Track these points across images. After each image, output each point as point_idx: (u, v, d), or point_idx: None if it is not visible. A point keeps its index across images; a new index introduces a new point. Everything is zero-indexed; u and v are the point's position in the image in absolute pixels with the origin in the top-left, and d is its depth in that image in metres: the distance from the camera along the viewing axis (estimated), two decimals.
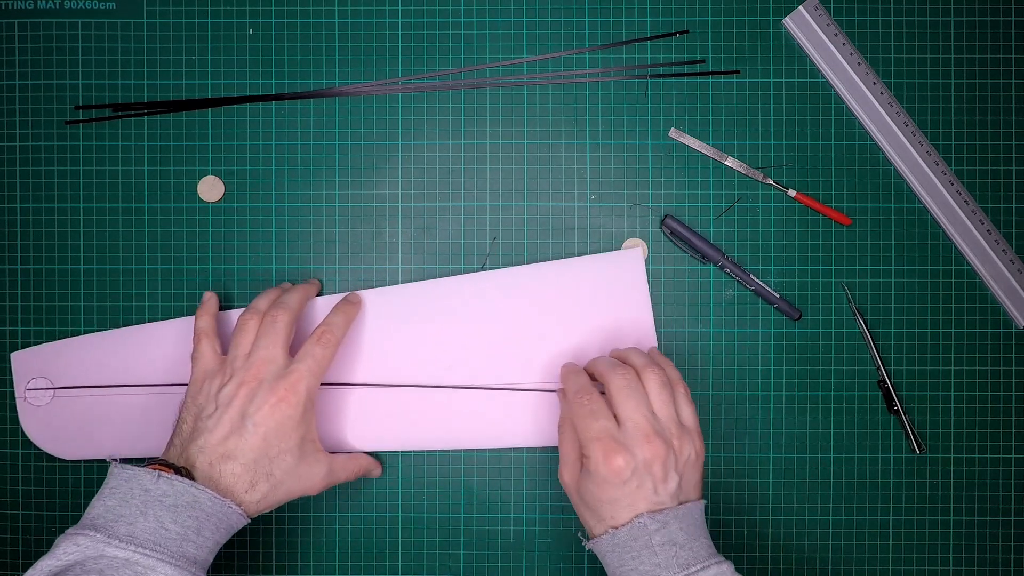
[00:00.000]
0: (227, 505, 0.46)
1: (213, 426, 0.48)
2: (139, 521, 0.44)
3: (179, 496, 0.45)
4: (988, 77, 0.59)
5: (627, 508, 0.47)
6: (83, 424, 0.58)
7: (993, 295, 0.59)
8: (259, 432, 0.48)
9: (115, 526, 0.43)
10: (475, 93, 0.59)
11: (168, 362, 0.58)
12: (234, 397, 0.49)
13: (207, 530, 0.45)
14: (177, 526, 0.44)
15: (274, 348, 0.50)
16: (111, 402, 0.58)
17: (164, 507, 0.44)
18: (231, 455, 0.47)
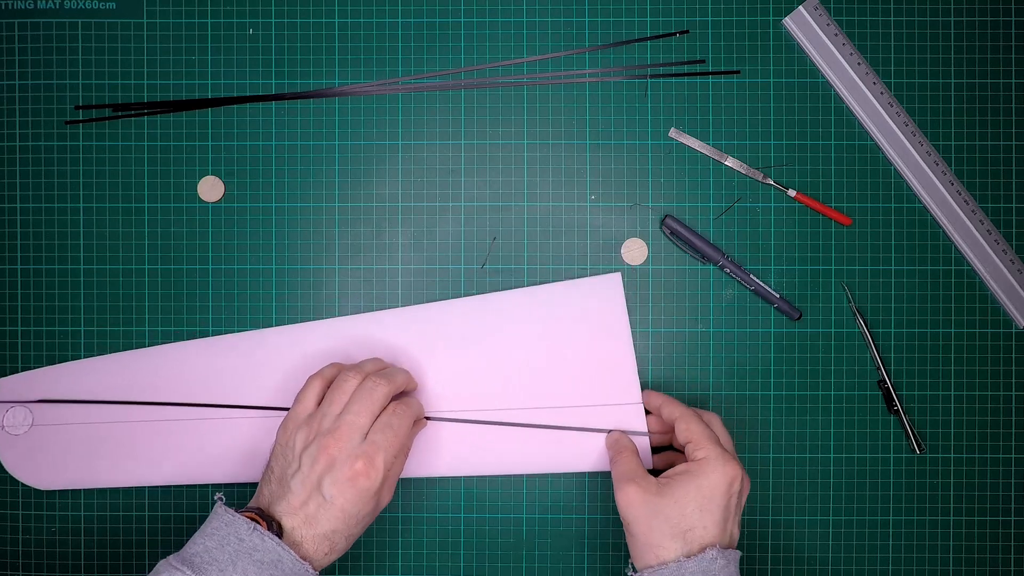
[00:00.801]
0: (306, 569, 0.47)
1: (296, 488, 0.48)
2: (228, 570, 0.45)
3: (267, 553, 0.46)
4: (988, 77, 0.59)
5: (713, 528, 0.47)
6: (64, 453, 0.58)
7: (993, 295, 0.59)
8: (336, 504, 0.48)
9: (208, 569, 0.45)
10: (475, 93, 0.59)
11: (152, 390, 0.58)
12: (315, 463, 0.48)
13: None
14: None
15: (364, 416, 0.50)
16: (93, 430, 0.57)
17: (252, 561, 0.45)
18: (312, 521, 0.48)
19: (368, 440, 0.49)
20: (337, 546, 0.49)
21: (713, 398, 0.59)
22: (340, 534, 0.48)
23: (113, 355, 0.58)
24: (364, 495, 0.48)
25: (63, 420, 0.58)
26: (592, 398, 0.57)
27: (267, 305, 0.59)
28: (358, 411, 0.50)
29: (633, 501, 0.49)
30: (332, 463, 0.48)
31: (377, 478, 0.48)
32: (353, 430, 0.49)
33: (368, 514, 0.49)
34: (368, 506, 0.49)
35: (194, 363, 0.58)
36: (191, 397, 0.58)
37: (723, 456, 0.49)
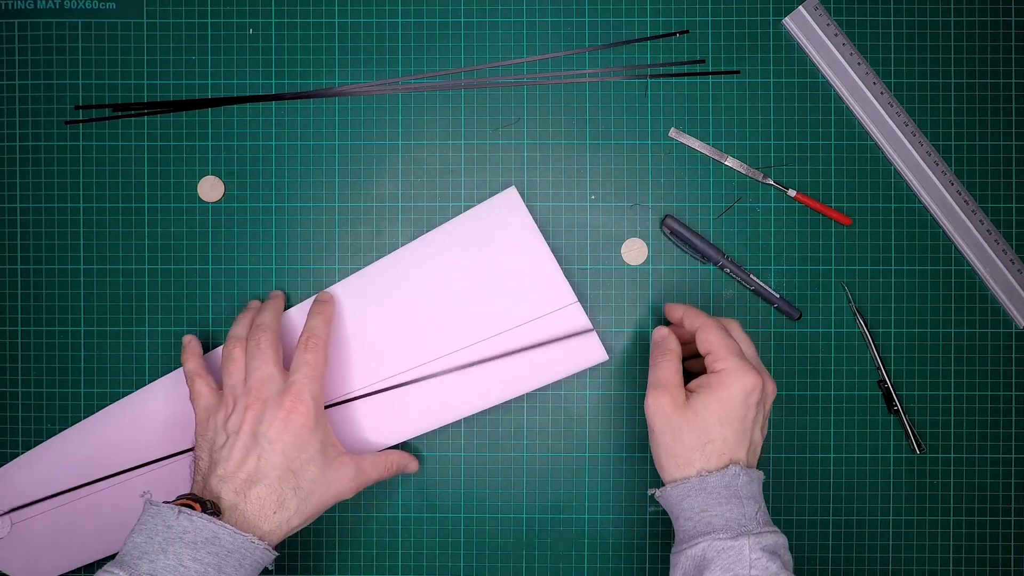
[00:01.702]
0: (248, 540, 0.45)
1: (228, 454, 0.48)
2: (160, 559, 0.43)
3: (199, 532, 0.44)
4: (988, 77, 0.59)
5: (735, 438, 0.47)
6: (52, 541, 0.58)
7: (993, 295, 0.59)
8: (276, 448, 0.47)
9: (139, 563, 0.43)
10: (475, 93, 0.59)
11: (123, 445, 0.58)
12: (243, 422, 0.48)
13: (228, 567, 0.44)
14: (197, 563, 0.43)
15: (267, 367, 0.50)
16: (73, 510, 0.57)
17: (184, 544, 0.44)
18: (254, 478, 0.47)
19: (290, 381, 0.50)
20: (286, 499, 0.47)
21: None
22: (286, 483, 0.47)
23: (77, 425, 0.58)
24: (302, 432, 0.48)
25: (42, 510, 0.58)
26: (530, 313, 0.57)
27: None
28: (259, 365, 0.50)
29: (663, 410, 0.49)
30: (260, 415, 0.48)
31: (309, 412, 0.48)
32: (265, 381, 0.49)
33: (311, 458, 0.48)
34: (309, 447, 0.48)
35: (158, 405, 0.58)
36: (163, 439, 0.58)
37: (742, 367, 0.48)
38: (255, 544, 0.45)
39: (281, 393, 0.49)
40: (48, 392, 0.59)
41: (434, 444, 0.59)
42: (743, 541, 0.45)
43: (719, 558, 0.45)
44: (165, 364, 0.59)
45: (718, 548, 0.45)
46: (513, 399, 0.59)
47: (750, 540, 0.45)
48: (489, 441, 0.59)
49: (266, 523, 0.47)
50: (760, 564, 0.44)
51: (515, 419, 0.59)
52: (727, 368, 0.48)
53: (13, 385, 0.59)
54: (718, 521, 0.46)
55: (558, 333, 0.57)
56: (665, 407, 0.49)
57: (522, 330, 0.57)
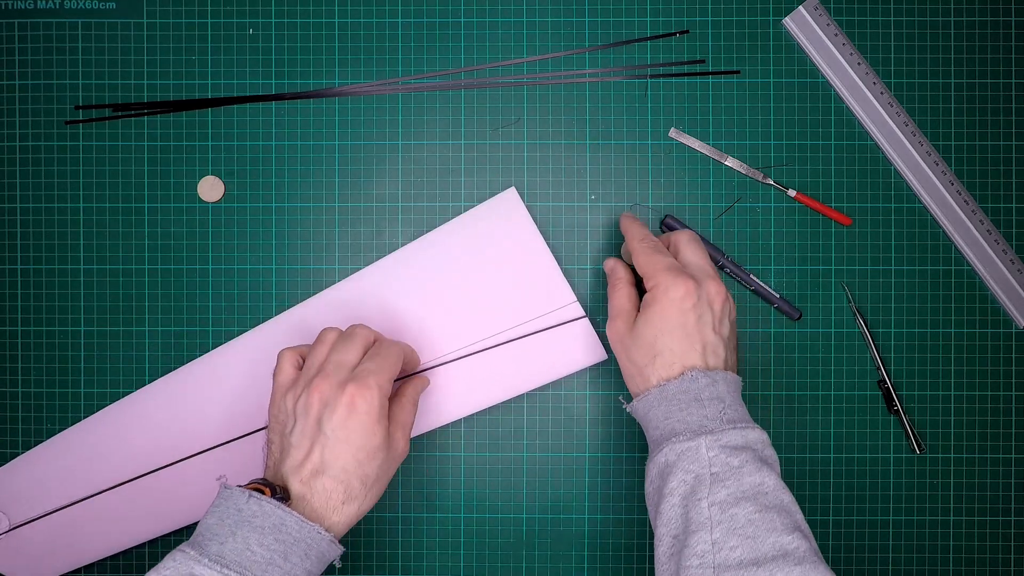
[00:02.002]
0: (315, 530, 0.44)
1: (297, 442, 0.47)
2: (228, 541, 0.43)
3: (266, 518, 0.43)
4: (988, 77, 0.59)
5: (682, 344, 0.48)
6: (49, 542, 0.57)
7: (993, 295, 0.59)
8: (339, 438, 0.46)
9: (208, 544, 0.43)
10: (475, 93, 0.59)
11: (119, 447, 0.58)
12: (309, 406, 0.47)
13: (295, 556, 0.44)
14: (263, 549, 0.43)
15: (350, 354, 0.49)
16: (71, 511, 0.57)
17: (252, 528, 0.43)
18: (320, 470, 0.46)
19: (356, 369, 0.48)
20: (353, 490, 0.46)
21: None
22: (352, 474, 0.46)
23: (77, 425, 0.58)
24: (365, 422, 0.46)
25: (39, 510, 0.57)
26: (530, 313, 0.57)
27: (267, 305, 0.59)
28: (342, 350, 0.49)
29: (618, 334, 0.51)
30: (325, 400, 0.46)
31: (373, 400, 0.46)
32: (339, 366, 0.48)
33: (377, 447, 0.47)
34: (374, 437, 0.46)
35: (158, 405, 0.58)
36: (159, 442, 0.58)
37: (669, 277, 0.49)
38: (321, 535, 0.44)
39: (348, 381, 0.47)
40: (48, 392, 0.59)
41: (434, 444, 0.59)
42: (700, 440, 0.45)
43: (679, 461, 0.45)
44: (165, 364, 0.59)
45: (678, 451, 0.46)
46: (513, 399, 0.59)
47: (707, 439, 0.45)
48: (489, 441, 0.59)
49: (334, 514, 0.46)
50: (719, 460, 0.45)
51: (515, 419, 0.59)
52: (656, 283, 0.49)
53: (13, 385, 0.59)
54: (679, 426, 0.46)
55: (558, 333, 0.57)
56: (620, 331, 0.50)
57: (522, 330, 0.57)
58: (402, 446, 0.49)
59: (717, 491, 0.44)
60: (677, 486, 0.45)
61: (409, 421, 0.51)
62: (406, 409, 0.51)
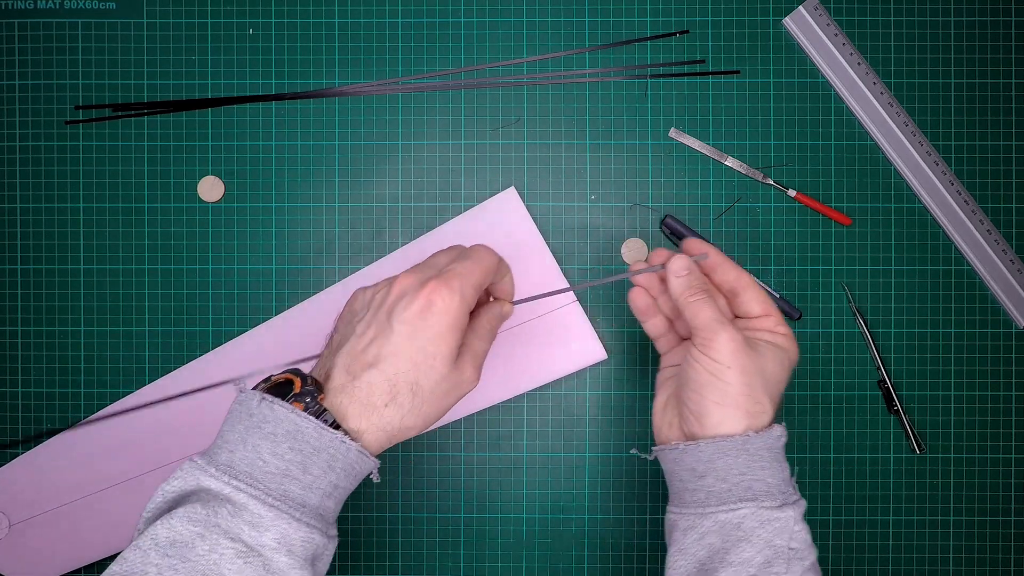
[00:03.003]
0: (336, 438, 0.38)
1: (361, 331, 0.42)
2: (239, 449, 0.38)
3: (279, 423, 0.38)
4: (988, 77, 0.59)
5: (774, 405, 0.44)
6: (50, 541, 0.57)
7: (993, 295, 0.59)
8: (403, 332, 0.40)
9: (218, 453, 0.39)
10: (475, 93, 0.59)
11: (124, 452, 0.58)
12: (386, 297, 0.42)
13: (316, 468, 0.38)
14: (276, 459, 0.38)
15: (443, 256, 0.44)
16: (71, 510, 0.57)
17: (264, 435, 0.38)
18: (373, 362, 0.40)
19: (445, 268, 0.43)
20: (400, 394, 0.40)
21: None
22: (403, 375, 0.40)
23: (72, 428, 0.58)
24: (436, 323, 0.40)
25: (40, 510, 0.58)
26: (530, 312, 0.57)
27: (267, 305, 0.59)
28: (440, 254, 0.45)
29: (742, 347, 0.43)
30: (403, 291, 0.41)
31: (451, 302, 0.41)
32: (430, 266, 0.43)
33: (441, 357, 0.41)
34: (442, 344, 0.41)
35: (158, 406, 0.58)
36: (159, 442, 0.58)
37: (791, 336, 0.46)
38: (346, 444, 0.39)
39: (430, 277, 0.42)
40: (48, 392, 0.59)
41: (434, 444, 0.59)
42: (789, 512, 0.42)
43: (762, 529, 0.41)
44: (165, 364, 0.59)
45: (762, 518, 0.41)
46: (513, 399, 0.59)
47: (795, 511, 0.42)
48: (489, 441, 0.59)
49: (374, 415, 0.40)
50: (800, 536, 0.42)
51: (515, 419, 0.59)
52: (789, 335, 0.46)
53: (13, 385, 0.59)
54: (760, 486, 0.42)
55: (558, 332, 0.57)
56: (744, 345, 0.43)
57: (522, 329, 0.57)
58: (469, 372, 0.43)
59: (795, 569, 0.41)
60: (753, 556, 0.41)
61: (482, 350, 0.44)
62: (481, 335, 0.45)
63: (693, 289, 0.45)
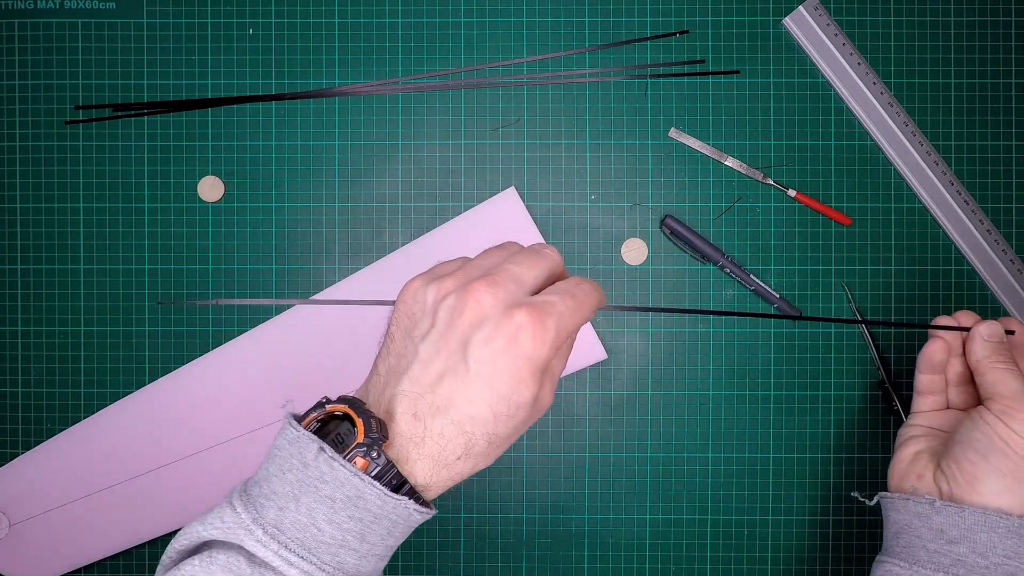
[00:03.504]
0: (401, 505, 0.33)
1: (427, 355, 0.34)
2: (290, 509, 0.33)
3: (339, 486, 0.33)
4: (988, 77, 0.59)
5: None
6: (51, 541, 0.57)
7: (993, 295, 0.59)
8: (483, 373, 0.34)
9: (266, 505, 0.33)
10: (475, 93, 0.59)
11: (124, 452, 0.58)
12: (458, 313, 0.34)
13: (375, 535, 0.34)
14: (333, 528, 0.33)
15: (529, 268, 0.36)
16: (72, 510, 0.57)
17: (320, 498, 0.33)
18: (444, 406, 0.34)
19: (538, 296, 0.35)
20: (476, 447, 0.34)
21: (713, 398, 0.59)
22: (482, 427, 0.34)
23: (77, 425, 0.58)
24: (522, 368, 0.34)
25: (40, 509, 0.57)
26: None
27: (267, 305, 0.59)
28: (523, 262, 0.36)
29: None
30: (483, 316, 0.34)
31: (544, 344, 0.34)
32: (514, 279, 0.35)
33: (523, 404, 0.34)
34: (526, 390, 0.34)
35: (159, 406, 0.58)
36: (159, 442, 0.58)
37: None
38: (409, 512, 0.34)
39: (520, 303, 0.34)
40: (48, 392, 0.59)
41: None
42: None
43: None
44: (165, 364, 0.59)
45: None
46: None
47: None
48: None
49: (445, 470, 0.35)
50: None
51: None
52: None
53: (13, 385, 0.59)
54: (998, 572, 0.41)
55: None
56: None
57: None
58: (546, 399, 0.37)
59: None
60: None
61: (559, 371, 0.38)
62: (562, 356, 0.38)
63: (1002, 357, 0.45)
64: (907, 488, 0.45)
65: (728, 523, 0.59)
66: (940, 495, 0.44)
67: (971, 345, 0.46)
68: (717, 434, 0.59)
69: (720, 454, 0.59)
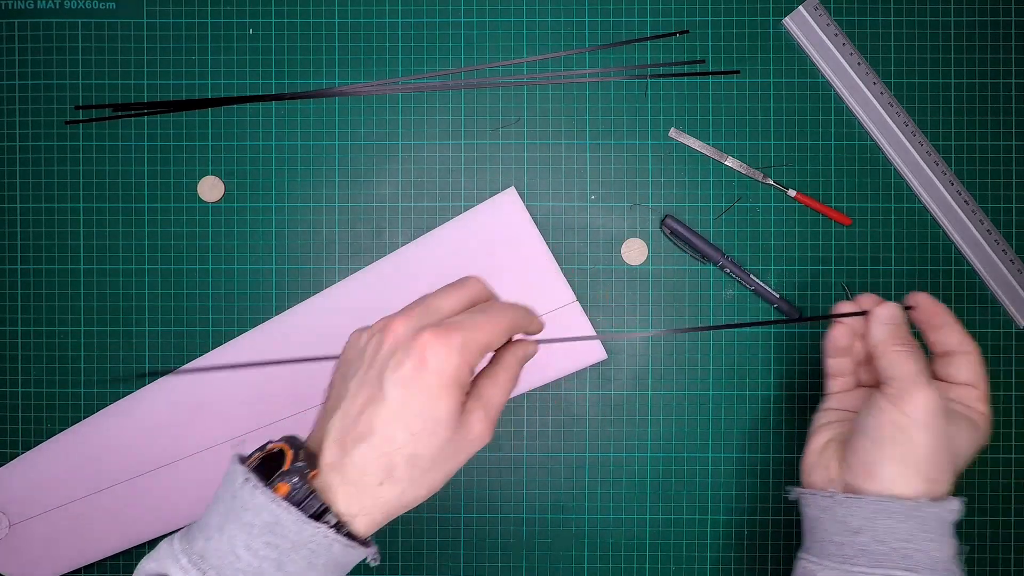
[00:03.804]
0: (320, 532, 0.34)
1: (354, 391, 0.36)
2: (215, 536, 0.34)
3: (259, 513, 0.34)
4: (988, 77, 0.59)
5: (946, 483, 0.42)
6: (51, 541, 0.57)
7: (993, 295, 0.59)
8: (397, 395, 0.35)
9: (197, 536, 0.35)
10: (475, 93, 0.59)
11: (124, 452, 0.58)
12: (378, 349, 0.37)
13: (293, 566, 0.34)
14: (250, 555, 0.34)
15: (445, 298, 0.39)
16: (73, 509, 0.57)
17: (241, 525, 0.34)
18: (365, 433, 0.35)
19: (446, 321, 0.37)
20: (396, 469, 0.36)
21: (713, 398, 0.59)
22: (399, 448, 0.35)
23: (77, 425, 0.58)
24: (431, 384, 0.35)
25: (41, 509, 0.57)
26: None
27: (267, 305, 0.59)
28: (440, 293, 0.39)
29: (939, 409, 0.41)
30: (397, 343, 0.36)
31: (448, 359, 0.35)
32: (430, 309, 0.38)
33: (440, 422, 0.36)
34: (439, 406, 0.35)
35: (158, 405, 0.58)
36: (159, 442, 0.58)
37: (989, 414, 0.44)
38: (329, 539, 0.34)
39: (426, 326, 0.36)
40: (48, 392, 0.59)
41: None
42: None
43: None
44: (165, 364, 0.59)
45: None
46: (513, 398, 0.59)
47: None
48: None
49: (367, 497, 0.36)
50: None
51: (515, 419, 0.59)
52: (987, 416, 0.44)
53: (13, 385, 0.59)
54: (922, 558, 0.40)
55: (558, 332, 0.57)
56: (943, 408, 0.41)
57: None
58: (478, 429, 0.37)
59: None
60: None
61: (497, 399, 0.39)
62: (497, 381, 0.39)
63: (898, 339, 0.43)
64: (816, 481, 0.45)
65: (728, 523, 0.59)
66: (843, 488, 0.43)
67: (870, 328, 0.44)
68: (717, 434, 0.59)
69: (720, 454, 0.59)
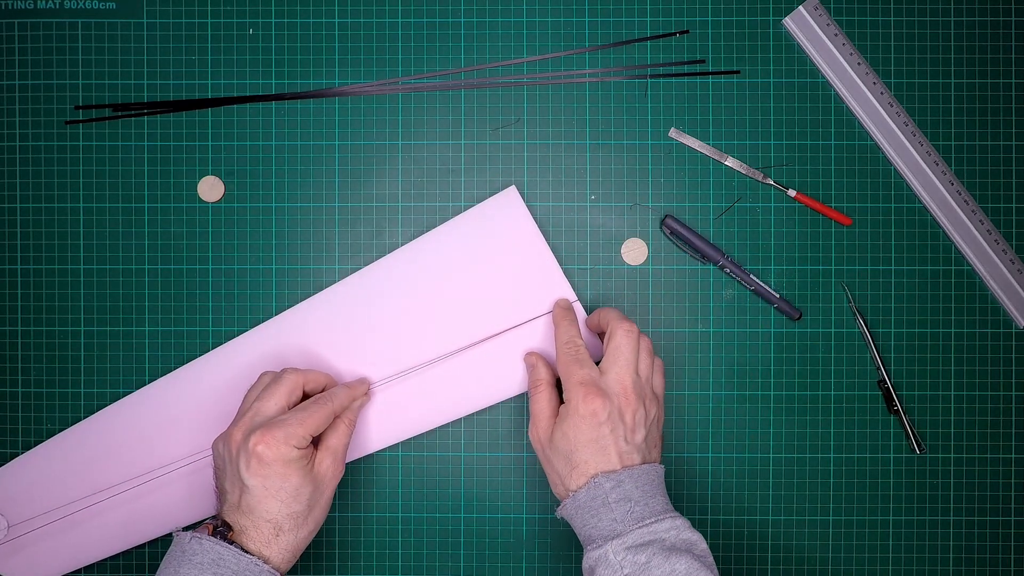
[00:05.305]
0: (252, 562, 0.47)
1: (229, 487, 0.49)
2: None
3: (205, 554, 0.46)
4: (988, 77, 0.59)
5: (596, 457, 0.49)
6: (50, 543, 0.57)
7: (993, 295, 0.59)
8: (255, 483, 0.48)
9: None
10: (475, 93, 0.59)
11: (124, 452, 0.58)
12: (228, 453, 0.49)
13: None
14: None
15: (267, 401, 0.51)
16: (72, 510, 0.57)
17: (192, 565, 0.46)
18: (249, 512, 0.48)
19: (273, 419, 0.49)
20: (283, 527, 0.48)
21: (713, 398, 0.59)
22: (278, 514, 0.48)
23: (77, 425, 0.58)
24: (277, 470, 0.48)
25: (40, 509, 0.57)
26: (530, 312, 0.57)
27: (267, 305, 0.59)
28: (264, 397, 0.51)
29: (538, 442, 0.52)
30: (237, 448, 0.49)
31: (278, 449, 0.48)
32: (257, 414, 0.50)
33: (297, 488, 0.48)
34: (289, 480, 0.48)
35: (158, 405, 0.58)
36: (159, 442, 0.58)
37: (581, 393, 0.50)
38: (259, 567, 0.47)
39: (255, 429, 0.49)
40: (48, 392, 0.59)
41: (434, 444, 0.59)
42: (607, 547, 0.47)
43: (597, 567, 0.47)
44: (165, 364, 0.59)
45: (593, 558, 0.48)
46: (513, 398, 0.59)
47: (614, 544, 0.47)
48: (489, 441, 0.59)
49: (271, 547, 0.48)
50: (628, 561, 0.46)
51: (515, 419, 0.59)
52: (569, 398, 0.50)
53: (13, 385, 0.59)
54: (593, 532, 0.48)
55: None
56: (540, 439, 0.52)
57: (522, 329, 0.57)
58: (330, 470, 0.51)
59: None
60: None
61: (340, 444, 0.52)
62: (339, 431, 0.52)
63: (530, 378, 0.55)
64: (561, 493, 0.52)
65: (728, 523, 0.59)
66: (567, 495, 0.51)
67: None
68: (717, 434, 0.59)
69: (720, 454, 0.59)
